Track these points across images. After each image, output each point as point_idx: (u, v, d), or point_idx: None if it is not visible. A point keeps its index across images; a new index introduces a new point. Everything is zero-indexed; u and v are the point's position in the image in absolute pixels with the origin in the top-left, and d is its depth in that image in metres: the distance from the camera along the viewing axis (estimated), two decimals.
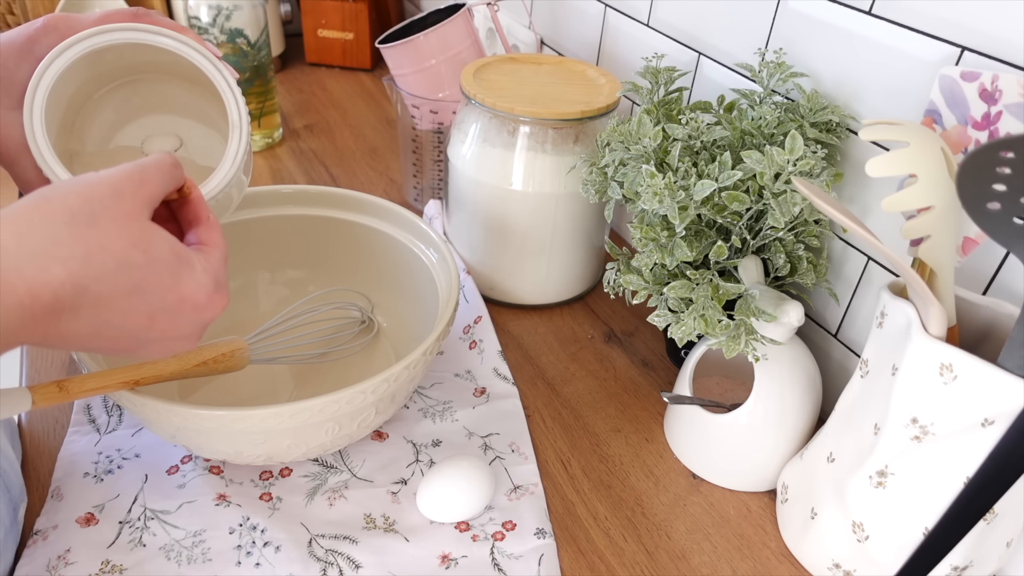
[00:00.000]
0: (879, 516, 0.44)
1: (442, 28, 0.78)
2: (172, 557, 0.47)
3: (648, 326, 0.71)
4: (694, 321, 0.48)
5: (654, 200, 0.48)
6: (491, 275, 0.73)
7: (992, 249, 0.47)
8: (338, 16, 1.16)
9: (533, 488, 0.54)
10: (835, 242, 0.58)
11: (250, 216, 0.62)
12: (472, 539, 0.50)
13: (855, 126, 0.54)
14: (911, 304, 0.41)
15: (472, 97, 0.65)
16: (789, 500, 0.52)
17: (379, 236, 0.63)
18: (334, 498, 0.52)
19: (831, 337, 0.61)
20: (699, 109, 0.60)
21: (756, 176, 0.48)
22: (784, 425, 0.53)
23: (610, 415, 0.62)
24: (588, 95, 0.66)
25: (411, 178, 0.86)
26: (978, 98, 0.44)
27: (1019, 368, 0.36)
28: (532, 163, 0.66)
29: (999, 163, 0.32)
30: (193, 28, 0.88)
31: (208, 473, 0.53)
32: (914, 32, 0.48)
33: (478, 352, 0.66)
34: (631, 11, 0.75)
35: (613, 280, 0.56)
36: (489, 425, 0.59)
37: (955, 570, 0.43)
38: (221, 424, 0.44)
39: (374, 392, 0.46)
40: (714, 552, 0.51)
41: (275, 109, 0.97)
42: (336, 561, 0.48)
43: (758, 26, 0.60)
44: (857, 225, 0.38)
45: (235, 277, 0.64)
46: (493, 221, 0.69)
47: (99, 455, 0.53)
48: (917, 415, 0.40)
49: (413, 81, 0.80)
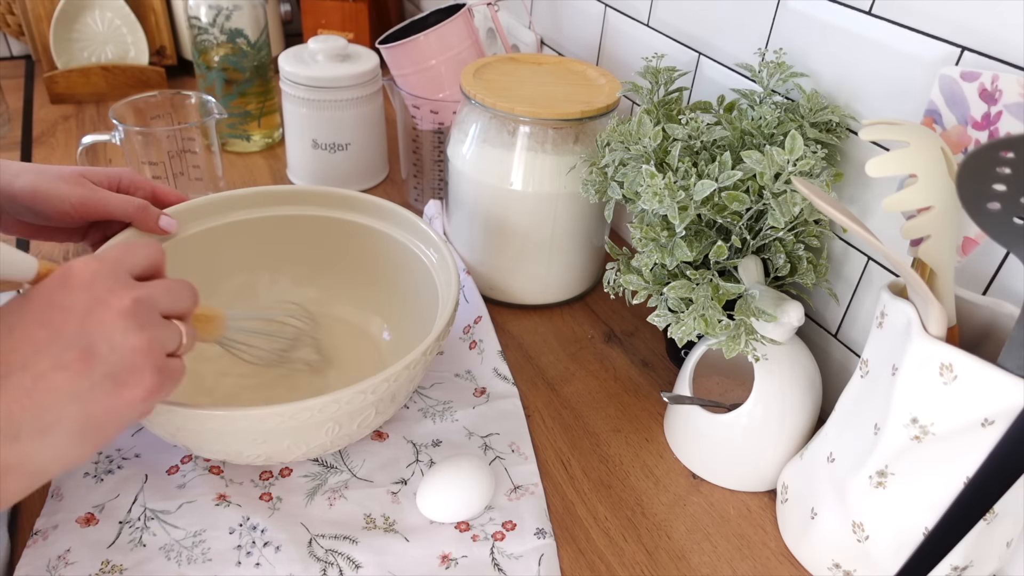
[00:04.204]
0: (879, 516, 0.44)
1: (442, 28, 0.78)
2: (172, 557, 0.47)
3: (648, 326, 0.71)
4: (694, 321, 0.48)
5: (654, 200, 0.48)
6: (491, 275, 0.73)
7: (992, 249, 0.46)
8: (338, 16, 1.16)
9: (533, 488, 0.54)
10: (835, 242, 0.58)
11: (250, 216, 0.62)
12: (472, 539, 0.50)
13: (855, 126, 0.54)
14: (911, 304, 0.41)
15: (472, 97, 0.65)
16: (789, 500, 0.52)
17: (379, 236, 0.63)
18: (334, 498, 0.52)
19: (831, 337, 0.61)
20: (699, 109, 0.60)
21: (756, 176, 0.48)
22: (784, 425, 0.53)
23: (610, 415, 0.62)
24: (588, 95, 0.66)
25: (411, 178, 0.86)
26: (978, 98, 0.44)
27: (1019, 368, 0.36)
28: (532, 163, 0.66)
29: (999, 163, 0.32)
30: (193, 28, 0.88)
31: (208, 473, 0.53)
32: (914, 32, 0.48)
33: (478, 352, 0.66)
34: (631, 11, 0.75)
35: (613, 280, 0.56)
36: (489, 425, 0.59)
37: (955, 570, 0.43)
38: (221, 424, 0.44)
39: (374, 392, 0.46)
40: (714, 552, 0.51)
41: (275, 109, 0.97)
42: (336, 561, 0.48)
43: (758, 26, 0.60)
44: (857, 225, 0.38)
45: (235, 277, 0.64)
46: (493, 221, 0.69)
47: (99, 455, 0.53)
48: (917, 415, 0.40)
49: (413, 81, 0.80)
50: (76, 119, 1.02)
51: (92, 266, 0.37)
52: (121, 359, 0.36)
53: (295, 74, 0.81)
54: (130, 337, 0.36)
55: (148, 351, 0.37)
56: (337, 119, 0.84)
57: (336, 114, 0.84)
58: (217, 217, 0.61)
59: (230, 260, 0.63)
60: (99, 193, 0.52)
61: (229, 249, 0.62)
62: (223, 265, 0.62)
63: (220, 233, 0.61)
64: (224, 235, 0.61)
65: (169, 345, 0.39)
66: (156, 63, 1.11)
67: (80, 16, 1.04)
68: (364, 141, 0.88)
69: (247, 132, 0.96)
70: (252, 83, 0.92)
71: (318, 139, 0.85)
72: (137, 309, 0.37)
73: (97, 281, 0.37)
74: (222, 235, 0.61)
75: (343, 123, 0.85)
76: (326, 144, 0.86)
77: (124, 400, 0.36)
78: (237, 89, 0.92)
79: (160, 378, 0.37)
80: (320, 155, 0.87)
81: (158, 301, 0.39)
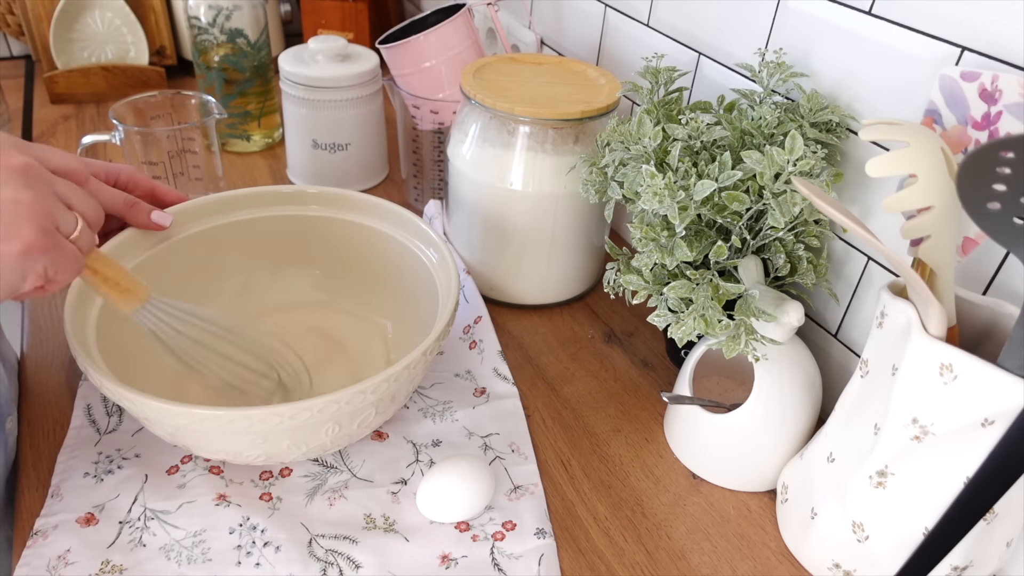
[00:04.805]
0: (879, 516, 0.44)
1: (442, 28, 0.77)
2: (172, 557, 0.47)
3: (648, 326, 0.71)
4: (694, 321, 0.48)
5: (654, 200, 0.48)
6: (491, 275, 0.73)
7: (992, 249, 0.46)
8: (338, 16, 1.16)
9: (533, 488, 0.54)
10: (835, 242, 0.58)
11: (250, 216, 0.62)
12: (472, 539, 0.50)
13: (855, 126, 0.54)
14: (911, 304, 0.41)
15: (472, 97, 0.65)
16: (789, 500, 0.52)
17: (379, 236, 0.63)
18: (334, 498, 0.52)
19: (831, 337, 0.61)
20: (699, 109, 0.60)
21: (756, 176, 0.48)
22: (784, 425, 0.53)
23: (610, 415, 0.62)
24: (588, 95, 0.66)
25: (411, 178, 0.86)
26: (978, 98, 0.44)
27: (1019, 368, 0.36)
28: (532, 163, 0.66)
29: (999, 163, 0.32)
30: (193, 28, 0.88)
31: (208, 473, 0.53)
32: (914, 32, 0.48)
33: (478, 352, 0.66)
34: (631, 11, 0.75)
35: (613, 280, 0.56)
36: (489, 425, 0.59)
37: (955, 570, 0.43)
38: (221, 424, 0.44)
39: (374, 392, 0.46)
40: (714, 552, 0.51)
41: (275, 109, 0.97)
42: (336, 561, 0.48)
43: (758, 26, 0.60)
44: (857, 225, 0.38)
45: (235, 277, 0.64)
46: (493, 221, 0.69)
47: (99, 455, 0.53)
48: (917, 415, 0.40)
49: (413, 81, 0.80)
50: (76, 119, 1.02)
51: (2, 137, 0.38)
52: (1, 210, 0.36)
53: (295, 74, 0.81)
54: (10, 190, 0.36)
55: (30, 207, 0.37)
56: (337, 119, 0.84)
57: (336, 114, 0.84)
58: (217, 217, 0.61)
59: (230, 260, 0.63)
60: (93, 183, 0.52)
61: (229, 249, 0.62)
62: (223, 265, 0.62)
63: (220, 233, 0.61)
64: (224, 235, 0.61)
65: (62, 222, 0.39)
66: (156, 63, 1.11)
67: (80, 16, 1.04)
68: (364, 141, 0.88)
69: (247, 132, 0.96)
70: (252, 83, 0.92)
71: (318, 139, 0.85)
72: (27, 171, 0.38)
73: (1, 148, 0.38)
74: (222, 235, 0.61)
75: (343, 123, 0.85)
76: (326, 144, 0.86)
77: (1, 252, 0.36)
78: (237, 89, 0.92)
79: (44, 241, 0.37)
80: (320, 155, 0.87)
81: (55, 183, 0.39)
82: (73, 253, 0.40)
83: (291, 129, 0.87)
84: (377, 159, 0.92)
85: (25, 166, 0.38)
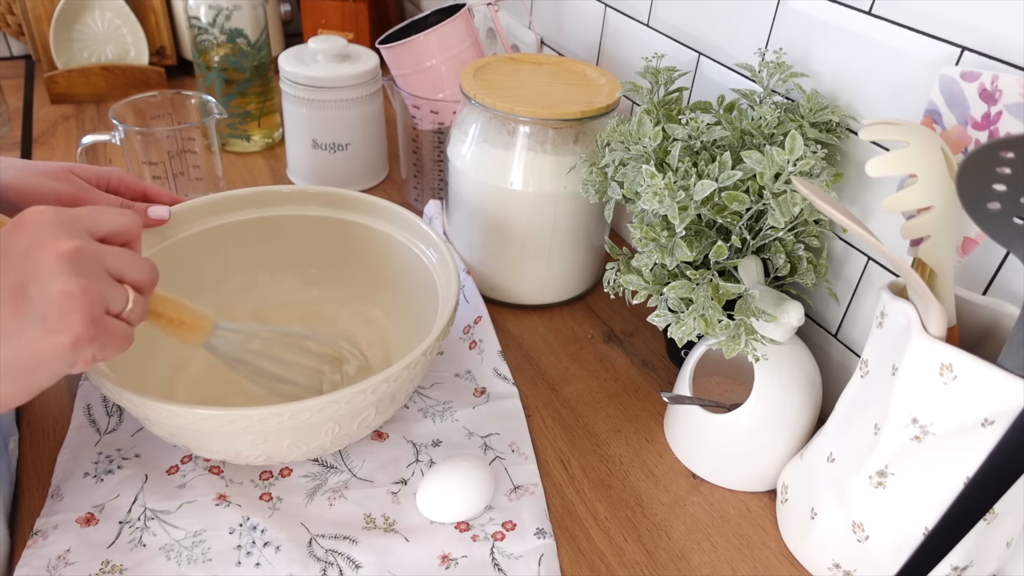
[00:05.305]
0: (879, 516, 0.44)
1: (442, 28, 0.78)
2: (172, 557, 0.47)
3: (648, 326, 0.71)
4: (694, 321, 0.48)
5: (654, 200, 0.48)
6: (491, 275, 0.73)
7: (992, 249, 0.47)
8: (338, 16, 1.16)
9: (533, 488, 0.54)
10: (835, 242, 0.58)
11: (250, 216, 0.62)
12: (472, 539, 0.50)
13: (855, 126, 0.54)
14: (911, 304, 0.41)
15: (472, 97, 0.65)
16: (789, 500, 0.52)
17: (379, 236, 0.63)
18: (334, 498, 0.52)
19: (831, 337, 0.61)
20: (699, 109, 0.60)
21: (756, 176, 0.48)
22: (784, 425, 0.53)
23: (610, 415, 0.62)
24: (588, 95, 0.66)
25: (411, 178, 0.86)
26: (978, 98, 0.44)
27: (1019, 368, 0.36)
28: (532, 163, 0.66)
29: (999, 163, 0.32)
30: (193, 28, 0.88)
31: (208, 473, 0.53)
32: (914, 32, 0.48)
33: (478, 352, 0.66)
34: (631, 11, 0.75)
35: (613, 280, 0.56)
36: (489, 425, 0.59)
37: (955, 570, 0.43)
38: (221, 424, 0.44)
39: (374, 392, 0.46)
40: (714, 552, 0.51)
41: (275, 109, 0.97)
42: (336, 561, 0.48)
43: (758, 26, 0.60)
44: (857, 225, 0.38)
45: (235, 277, 0.64)
46: (493, 221, 0.69)
47: (99, 455, 0.53)
48: (917, 415, 0.40)
49: (413, 81, 0.80)
50: (76, 119, 1.02)
51: (45, 214, 0.36)
52: (50, 302, 0.35)
53: (295, 74, 0.81)
54: (60, 281, 0.35)
55: (80, 298, 0.35)
56: (337, 119, 0.84)
57: (336, 114, 0.84)
58: (217, 217, 0.61)
59: (230, 260, 0.63)
60: (87, 191, 0.52)
61: (229, 249, 0.62)
62: (223, 265, 0.62)
63: (220, 233, 0.61)
64: (224, 235, 0.62)
65: (112, 303, 0.38)
66: (156, 63, 1.11)
67: (80, 16, 1.04)
68: (364, 141, 0.88)
69: (247, 132, 0.96)
70: (252, 83, 0.92)
71: (318, 139, 0.85)
72: (76, 257, 0.36)
73: (43, 227, 0.36)
74: (222, 235, 0.61)
75: (343, 123, 0.85)
76: (326, 144, 0.86)
77: (50, 345, 0.35)
78: (237, 89, 0.92)
79: (94, 331, 0.36)
80: (320, 155, 0.87)
81: (104, 257, 0.37)
82: (122, 333, 0.39)
83: (291, 129, 0.87)
84: (377, 159, 0.92)
85: (74, 251, 0.36)
